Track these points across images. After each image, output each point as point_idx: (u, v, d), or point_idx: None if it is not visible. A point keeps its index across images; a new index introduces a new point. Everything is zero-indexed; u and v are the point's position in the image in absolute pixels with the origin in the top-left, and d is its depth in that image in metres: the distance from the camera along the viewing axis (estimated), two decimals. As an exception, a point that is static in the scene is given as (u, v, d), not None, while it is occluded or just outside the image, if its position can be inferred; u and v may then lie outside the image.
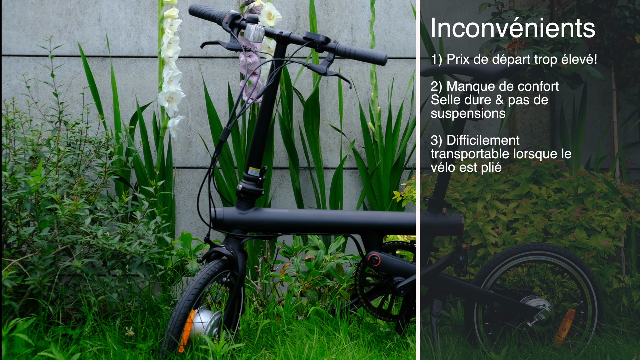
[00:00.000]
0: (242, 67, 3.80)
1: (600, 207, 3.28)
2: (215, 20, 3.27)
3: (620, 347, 3.15)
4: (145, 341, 3.21)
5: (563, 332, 3.17)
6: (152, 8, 4.04)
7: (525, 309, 3.18)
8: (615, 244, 3.26)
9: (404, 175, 4.05)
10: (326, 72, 3.14)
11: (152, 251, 3.33)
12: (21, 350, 2.96)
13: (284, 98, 3.97)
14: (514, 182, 3.31)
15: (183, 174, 4.08)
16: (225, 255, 3.11)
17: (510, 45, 3.14)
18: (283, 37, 3.20)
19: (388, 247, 3.33)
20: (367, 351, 3.20)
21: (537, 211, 3.26)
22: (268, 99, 3.19)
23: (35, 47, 4.03)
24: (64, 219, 3.20)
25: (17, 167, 3.35)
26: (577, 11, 3.33)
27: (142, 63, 4.06)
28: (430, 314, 3.18)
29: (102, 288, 3.29)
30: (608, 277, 3.27)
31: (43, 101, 4.00)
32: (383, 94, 4.05)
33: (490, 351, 3.14)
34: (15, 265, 3.14)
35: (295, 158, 4.02)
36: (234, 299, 3.13)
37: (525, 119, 3.57)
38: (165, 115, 3.79)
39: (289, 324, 3.32)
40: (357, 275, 3.33)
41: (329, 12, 4.06)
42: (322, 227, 3.25)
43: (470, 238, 3.25)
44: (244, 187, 3.18)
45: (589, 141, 3.50)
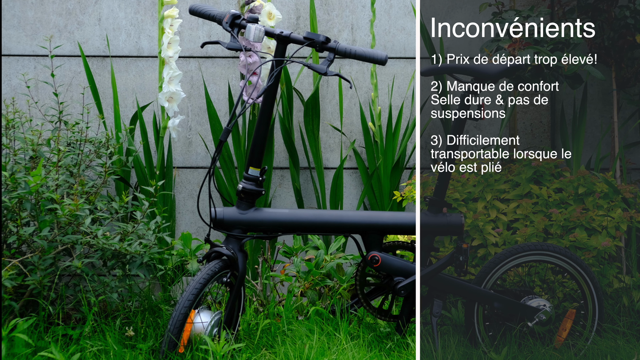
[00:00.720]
0: (242, 67, 3.79)
1: (601, 207, 3.28)
2: (216, 20, 3.27)
3: (620, 347, 3.14)
4: (145, 341, 3.21)
5: (563, 332, 3.17)
6: (152, 8, 4.04)
7: (526, 309, 3.18)
8: (615, 244, 3.26)
9: (405, 175, 4.04)
10: (326, 72, 3.14)
11: (152, 251, 3.33)
12: (21, 351, 2.96)
13: (284, 98, 3.96)
14: (515, 182, 3.30)
15: (183, 173, 4.08)
16: (225, 255, 3.11)
17: (510, 45, 3.14)
18: (283, 37, 3.19)
19: (388, 247, 3.33)
20: (368, 351, 3.20)
21: (537, 211, 3.26)
22: (268, 98, 3.19)
23: (35, 47, 4.03)
24: (64, 219, 3.20)
25: (17, 167, 3.35)
26: (578, 11, 3.33)
27: (142, 63, 4.05)
28: (430, 314, 3.18)
29: (102, 288, 3.28)
30: (608, 277, 3.26)
31: (43, 101, 3.99)
32: (383, 93, 4.05)
33: (490, 351, 3.14)
34: (15, 265, 3.13)
35: (295, 158, 4.01)
36: (234, 299, 3.13)
37: (526, 119, 3.57)
38: (165, 115, 3.79)
39: (289, 324, 3.31)
40: (358, 275, 3.33)
41: (329, 12, 4.06)
42: (323, 227, 3.25)
43: (470, 238, 3.25)
44: (244, 187, 3.18)
45: (589, 141, 3.50)
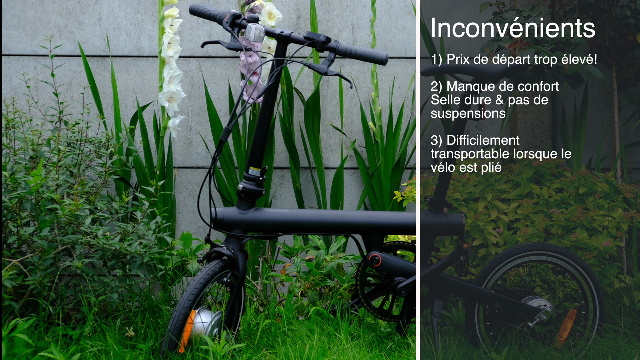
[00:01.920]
0: (242, 67, 3.79)
1: (602, 207, 3.27)
2: (216, 19, 3.26)
3: (621, 347, 3.14)
4: (145, 341, 3.21)
5: (564, 332, 3.16)
6: (153, 7, 4.04)
7: (527, 309, 3.17)
8: (616, 244, 3.25)
9: (405, 175, 4.04)
10: (327, 72, 3.14)
11: (153, 251, 3.33)
12: (21, 351, 2.96)
13: (284, 98, 3.96)
14: (515, 182, 3.30)
15: (183, 173, 4.07)
16: (225, 255, 3.10)
17: (511, 44, 3.14)
18: (284, 37, 3.19)
19: (389, 247, 3.33)
20: (368, 351, 3.19)
21: (538, 211, 3.26)
22: (269, 98, 3.19)
23: (35, 46, 4.03)
24: (64, 219, 3.20)
25: (17, 167, 3.35)
26: (578, 11, 3.32)
27: (142, 63, 4.05)
28: (431, 314, 3.17)
29: (102, 288, 3.28)
30: (609, 277, 3.26)
31: (43, 101, 3.99)
32: (384, 93, 4.05)
33: (491, 351, 3.14)
34: (15, 265, 3.13)
35: (295, 158, 4.01)
36: (234, 299, 3.13)
37: (527, 119, 3.56)
38: (165, 115, 3.79)
39: (290, 324, 3.31)
40: (358, 276, 3.32)
41: (329, 12, 4.06)
42: (323, 227, 3.25)
43: (471, 238, 3.25)
44: (244, 187, 3.18)
45: (590, 141, 3.50)
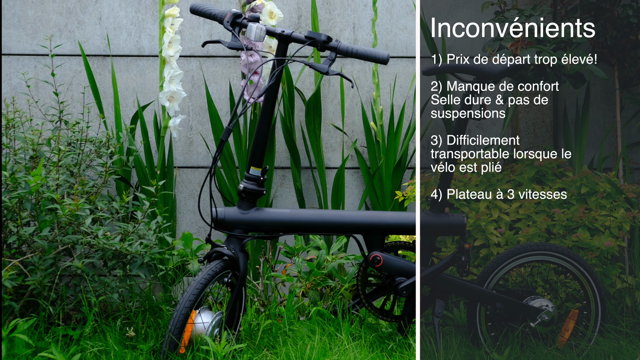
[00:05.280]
0: (243, 66, 3.78)
1: (604, 207, 3.27)
2: (217, 19, 3.26)
3: (623, 347, 3.13)
4: (146, 342, 3.21)
5: (566, 332, 3.16)
6: (153, 7, 4.03)
7: (528, 309, 3.17)
8: (618, 244, 3.25)
9: (406, 175, 4.03)
10: (328, 71, 3.13)
11: (153, 251, 3.32)
12: (21, 351, 2.95)
13: (285, 97, 3.95)
14: (517, 181, 3.29)
15: (184, 173, 4.07)
16: (226, 255, 3.10)
17: (512, 44, 3.13)
18: (285, 36, 3.19)
19: (390, 247, 3.32)
20: (369, 352, 3.19)
21: (540, 211, 3.25)
22: (269, 98, 3.18)
23: (35, 46, 4.02)
24: (64, 219, 3.19)
25: (18, 166, 3.34)
26: (580, 10, 3.32)
27: (143, 62, 4.04)
28: (432, 315, 3.17)
29: (102, 288, 3.28)
30: (611, 277, 3.26)
31: (43, 100, 3.98)
32: (385, 93, 4.04)
33: (492, 352, 3.13)
34: (15, 266, 3.13)
35: (296, 158, 4.01)
36: (235, 299, 3.12)
37: (528, 119, 3.56)
38: (166, 115, 3.78)
39: (291, 324, 3.31)
40: (359, 276, 3.32)
41: (330, 11, 4.05)
42: (324, 227, 3.24)
43: (472, 238, 3.24)
44: (245, 187, 3.17)
45: (592, 141, 3.49)
